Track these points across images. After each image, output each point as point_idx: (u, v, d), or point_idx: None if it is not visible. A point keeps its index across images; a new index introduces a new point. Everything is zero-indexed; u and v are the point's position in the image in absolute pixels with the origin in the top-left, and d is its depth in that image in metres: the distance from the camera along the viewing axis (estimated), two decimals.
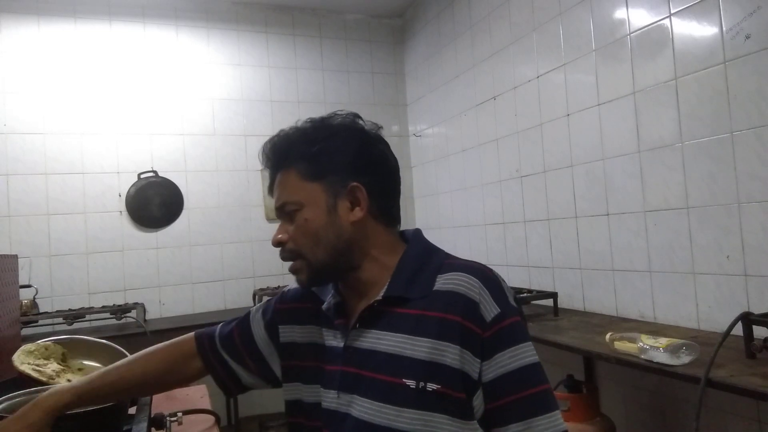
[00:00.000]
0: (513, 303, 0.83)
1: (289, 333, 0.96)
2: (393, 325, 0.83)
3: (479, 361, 0.78)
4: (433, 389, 0.76)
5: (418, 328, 0.80)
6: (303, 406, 0.91)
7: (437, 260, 0.88)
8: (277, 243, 0.89)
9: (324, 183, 0.86)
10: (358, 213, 0.86)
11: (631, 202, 1.97)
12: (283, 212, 0.89)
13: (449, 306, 0.80)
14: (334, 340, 0.90)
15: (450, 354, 0.77)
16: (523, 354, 0.79)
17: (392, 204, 0.93)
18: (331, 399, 0.87)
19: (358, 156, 0.88)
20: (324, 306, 0.93)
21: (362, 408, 0.81)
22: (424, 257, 0.89)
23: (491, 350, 0.78)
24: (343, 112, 0.92)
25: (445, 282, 0.83)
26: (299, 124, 0.91)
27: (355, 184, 0.86)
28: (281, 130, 0.91)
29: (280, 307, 0.99)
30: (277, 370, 0.97)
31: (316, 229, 0.86)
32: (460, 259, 0.89)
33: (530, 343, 0.81)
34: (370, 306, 0.85)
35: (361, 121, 0.92)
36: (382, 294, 0.85)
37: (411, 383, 0.77)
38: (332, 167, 0.86)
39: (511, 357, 0.78)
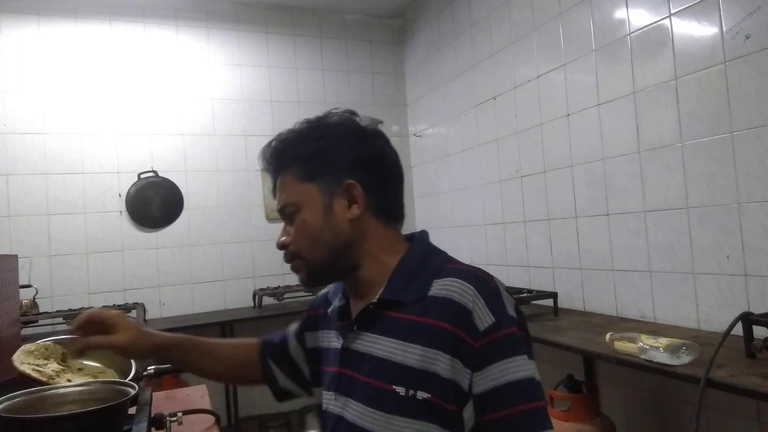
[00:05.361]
0: (512, 313, 0.79)
1: (313, 339, 1.01)
2: (387, 329, 0.82)
3: (470, 371, 0.74)
4: (423, 398, 0.75)
5: (410, 335, 0.79)
6: (319, 409, 0.94)
7: (436, 264, 0.85)
8: (279, 246, 0.90)
9: (319, 183, 0.86)
10: (355, 210, 0.85)
11: (631, 202, 1.97)
12: (284, 214, 0.90)
13: (441, 313, 0.77)
14: (336, 341, 0.91)
15: (441, 363, 0.75)
16: (517, 367, 0.74)
17: (393, 200, 0.91)
18: (328, 400, 0.89)
19: (353, 153, 0.86)
20: (329, 309, 0.96)
21: (355, 412, 0.81)
22: (423, 260, 0.86)
23: (483, 361, 0.74)
24: (338, 110, 0.91)
25: (440, 288, 0.80)
26: (297, 126, 0.91)
27: (350, 181, 0.85)
28: (279, 134, 0.91)
29: (308, 315, 1.05)
30: (308, 376, 1.03)
31: (313, 230, 0.86)
32: (462, 264, 0.86)
33: (526, 356, 0.76)
34: (366, 308, 0.85)
35: (357, 118, 0.91)
36: (377, 297, 0.84)
37: (401, 390, 0.76)
38: (326, 167, 0.86)
39: (503, 370, 0.74)
